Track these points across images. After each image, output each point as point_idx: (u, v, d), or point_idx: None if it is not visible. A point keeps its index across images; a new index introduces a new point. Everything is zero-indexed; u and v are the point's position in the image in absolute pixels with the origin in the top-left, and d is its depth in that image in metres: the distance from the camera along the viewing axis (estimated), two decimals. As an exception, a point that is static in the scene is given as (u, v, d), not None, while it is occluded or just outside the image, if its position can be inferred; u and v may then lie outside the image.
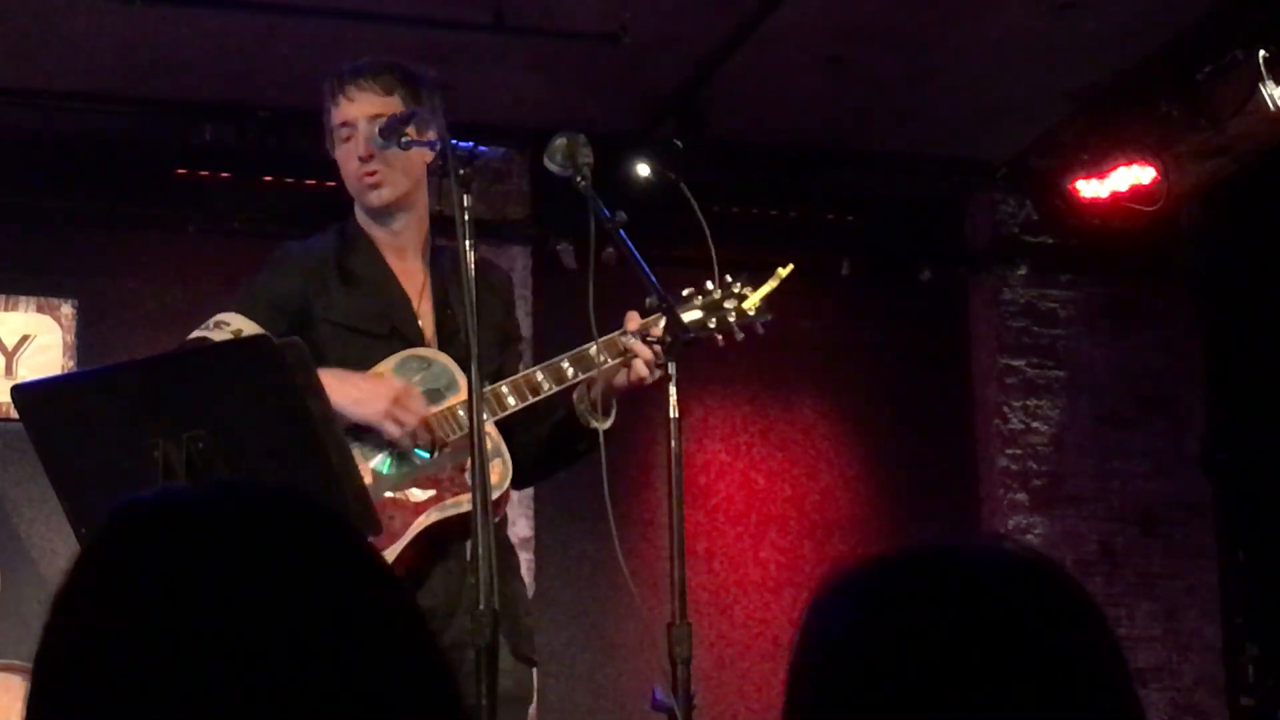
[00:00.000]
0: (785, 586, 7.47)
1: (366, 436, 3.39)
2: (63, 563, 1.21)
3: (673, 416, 3.29)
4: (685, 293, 3.60)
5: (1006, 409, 7.71)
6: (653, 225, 3.48)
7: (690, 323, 3.46)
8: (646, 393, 3.55)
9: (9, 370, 6.66)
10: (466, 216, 3.16)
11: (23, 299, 6.78)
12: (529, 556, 7.15)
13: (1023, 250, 7.82)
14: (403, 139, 3.46)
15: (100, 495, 2.80)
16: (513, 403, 3.46)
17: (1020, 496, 7.67)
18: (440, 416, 3.47)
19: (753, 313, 3.64)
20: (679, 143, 6.81)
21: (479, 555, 2.98)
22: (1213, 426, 7.83)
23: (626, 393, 3.52)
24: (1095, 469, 7.74)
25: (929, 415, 7.81)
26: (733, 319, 3.61)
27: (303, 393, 2.89)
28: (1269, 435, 7.58)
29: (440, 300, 3.62)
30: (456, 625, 3.33)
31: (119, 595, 1.14)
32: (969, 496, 7.79)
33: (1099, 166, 7.24)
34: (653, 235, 3.45)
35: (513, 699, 3.29)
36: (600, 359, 3.49)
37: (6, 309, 6.76)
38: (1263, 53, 6.29)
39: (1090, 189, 7.32)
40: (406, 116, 3.48)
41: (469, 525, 3.38)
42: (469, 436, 3.43)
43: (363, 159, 3.56)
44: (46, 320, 6.78)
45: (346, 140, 3.62)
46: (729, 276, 3.64)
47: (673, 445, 3.29)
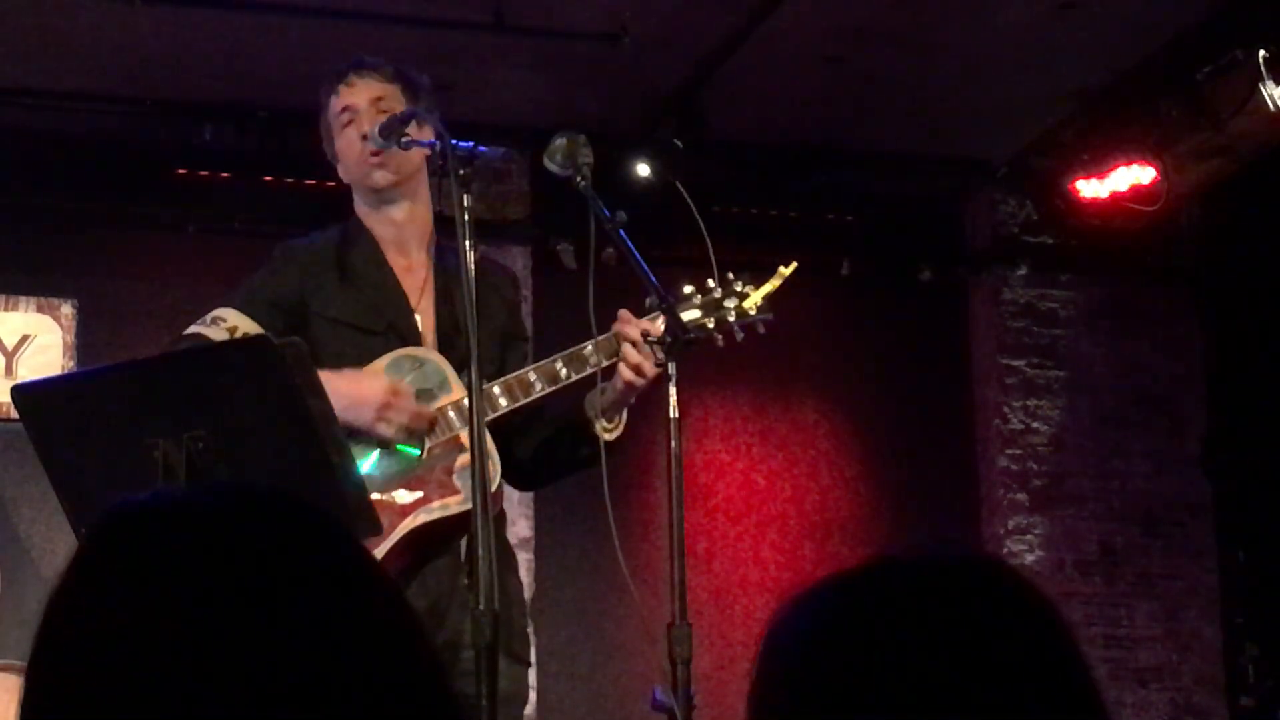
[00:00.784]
0: (785, 586, 7.46)
1: (354, 437, 3.38)
2: (63, 563, 1.21)
3: (673, 416, 3.29)
4: (686, 291, 3.58)
5: (1006, 409, 7.71)
6: (653, 225, 3.48)
7: (690, 322, 3.44)
8: (646, 393, 3.55)
9: (9, 370, 6.66)
10: (466, 216, 3.16)
11: (23, 299, 6.78)
12: (529, 556, 7.15)
13: (1023, 250, 7.83)
14: (403, 139, 3.46)
15: (100, 495, 2.80)
16: (504, 403, 3.45)
17: (1020, 496, 7.67)
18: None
19: (754, 312, 3.61)
20: (679, 143, 6.81)
21: (479, 555, 2.97)
22: (1213, 426, 7.84)
23: (630, 396, 3.50)
24: (1095, 469, 7.74)
25: (929, 415, 7.81)
26: (733, 318, 3.58)
27: (303, 393, 2.89)
28: (1269, 435, 7.58)
29: (442, 298, 3.61)
30: (448, 625, 3.33)
31: (112, 597, 1.14)
32: (969, 496, 7.79)
33: (1099, 166, 7.24)
34: (653, 235, 3.44)
35: (508, 698, 3.28)
36: (595, 359, 3.48)
37: (6, 309, 6.77)
38: (1263, 53, 6.29)
39: (1090, 189, 7.32)
40: (407, 116, 3.48)
41: (458, 526, 3.38)
42: (458, 438, 3.44)
43: (365, 137, 3.55)
44: (46, 320, 6.78)
45: (348, 125, 3.60)
46: (730, 275, 3.62)
47: (673, 445, 3.28)
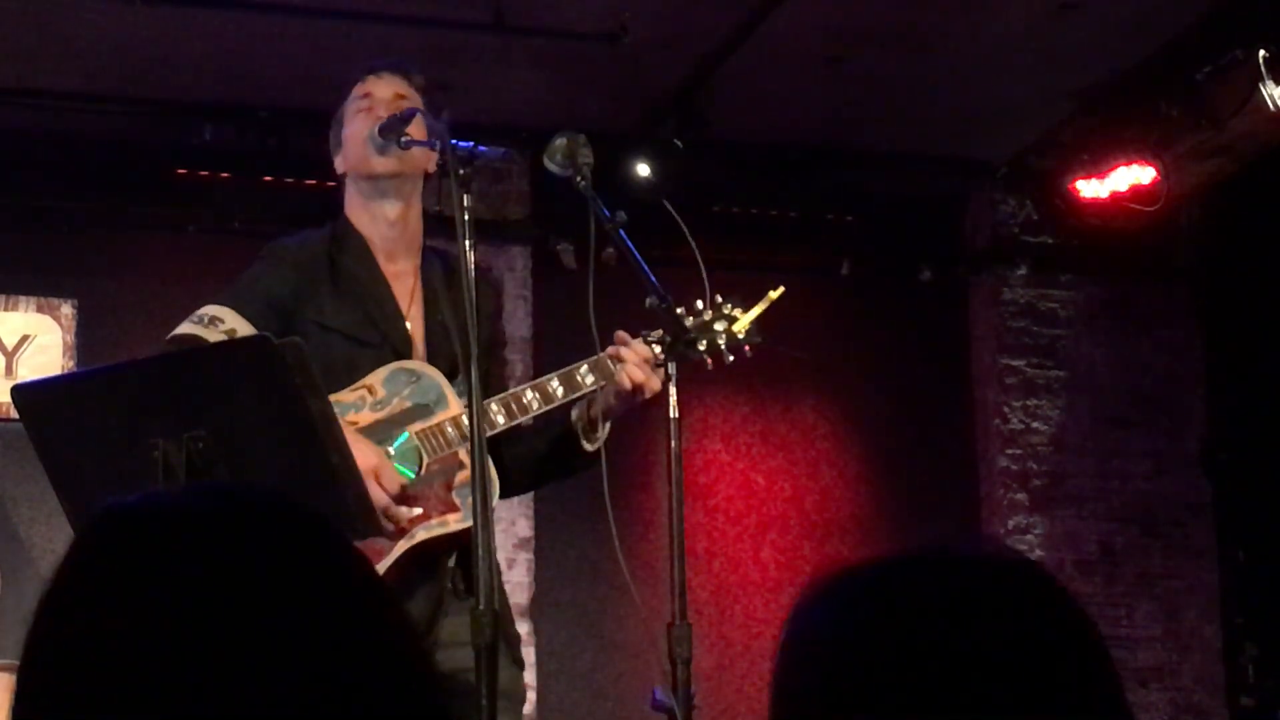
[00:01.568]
0: (785, 586, 7.47)
1: None
2: (54, 563, 1.21)
3: (673, 416, 3.29)
4: (677, 312, 3.57)
5: (1006, 409, 7.71)
6: (653, 225, 3.48)
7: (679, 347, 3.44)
8: (644, 400, 3.54)
9: (9, 370, 6.66)
10: (466, 216, 3.15)
11: (23, 299, 6.78)
12: (529, 556, 7.15)
13: (1023, 250, 7.83)
14: (403, 138, 3.46)
15: (100, 495, 2.78)
16: (502, 421, 3.45)
17: (1020, 496, 7.67)
18: (427, 432, 3.45)
19: (742, 335, 3.63)
20: (679, 143, 6.81)
21: (478, 556, 2.98)
22: (1213, 426, 7.84)
23: (623, 409, 3.50)
24: (1095, 469, 7.74)
25: (929, 415, 7.81)
26: (723, 341, 3.61)
27: (303, 393, 2.89)
28: (1269, 435, 7.58)
29: (430, 305, 3.60)
30: (436, 632, 3.33)
31: (102, 598, 1.14)
32: (969, 496, 7.79)
33: (1099, 166, 7.25)
34: (652, 235, 3.44)
35: (509, 696, 3.29)
36: (589, 379, 3.49)
37: (6, 309, 6.77)
38: (1263, 53, 6.29)
39: (1090, 189, 7.32)
40: (408, 115, 3.48)
41: (454, 542, 3.39)
42: (456, 455, 3.43)
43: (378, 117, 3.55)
44: (46, 320, 6.79)
45: (362, 110, 3.60)
46: (719, 297, 3.63)
47: (673, 445, 3.28)
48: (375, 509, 3.14)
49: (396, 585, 3.32)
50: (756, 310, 3.65)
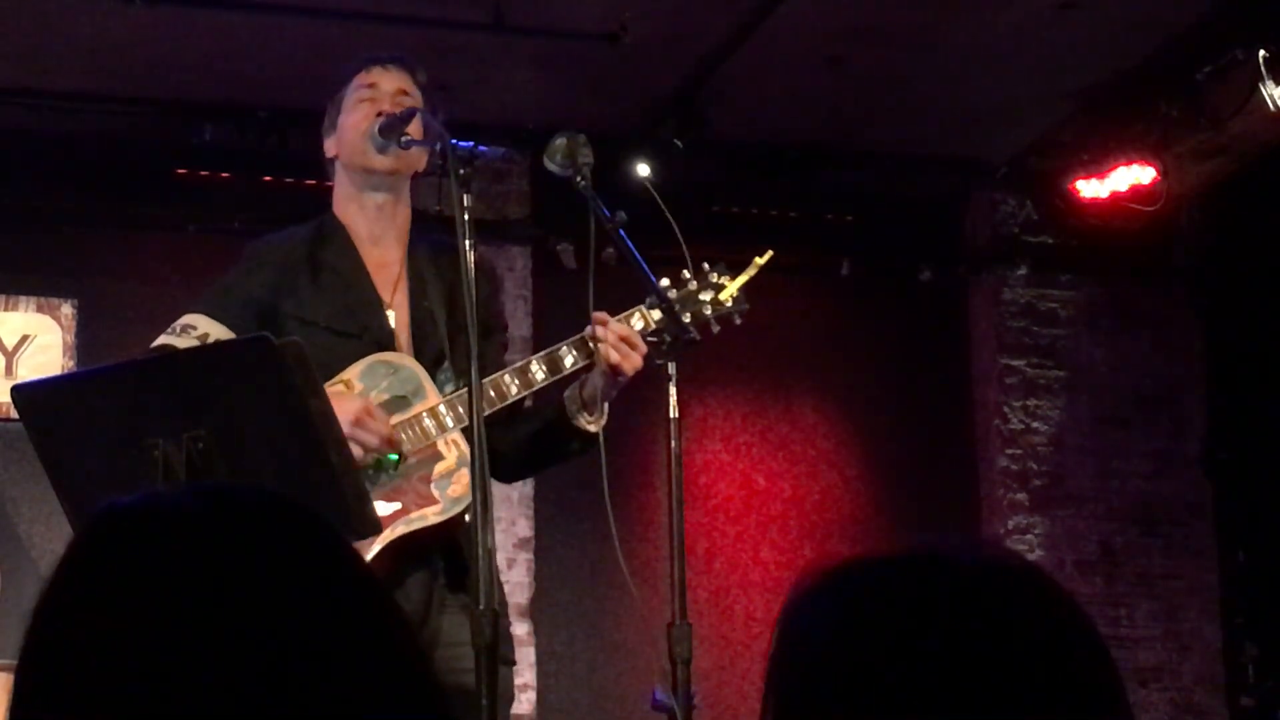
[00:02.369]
0: (785, 586, 7.40)
1: None
2: (52, 564, 1.21)
3: (673, 416, 3.28)
4: (661, 284, 3.54)
5: (1006, 409, 7.71)
6: (652, 225, 3.47)
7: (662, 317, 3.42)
8: (646, 393, 3.53)
9: (9, 370, 6.67)
10: (466, 216, 3.15)
11: (23, 299, 6.78)
12: (529, 556, 7.15)
13: (1023, 250, 7.83)
14: (403, 138, 3.46)
15: (100, 495, 2.78)
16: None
17: (1020, 496, 7.67)
18: (405, 424, 3.43)
19: (729, 304, 3.60)
20: (679, 143, 6.81)
21: (478, 555, 2.97)
22: (1213, 426, 7.84)
23: (613, 390, 3.48)
24: (1095, 469, 7.74)
25: (929, 415, 7.81)
26: (709, 311, 3.57)
27: (303, 393, 2.89)
28: (1269, 435, 7.58)
29: (416, 293, 3.59)
30: (429, 628, 3.33)
31: (99, 598, 1.14)
32: (969, 496, 7.79)
33: (1099, 166, 7.25)
34: (652, 235, 3.44)
35: (500, 696, 3.28)
36: (570, 360, 3.47)
37: (6, 309, 6.77)
38: (1263, 53, 6.29)
39: (1090, 189, 7.32)
40: (408, 115, 3.47)
41: (436, 535, 3.37)
42: (434, 447, 3.42)
43: (380, 115, 3.53)
44: (46, 320, 6.79)
45: (364, 100, 3.59)
46: (705, 265, 3.59)
47: (673, 445, 3.27)
48: (374, 508, 3.13)
49: (384, 581, 3.30)
50: (744, 277, 3.61)
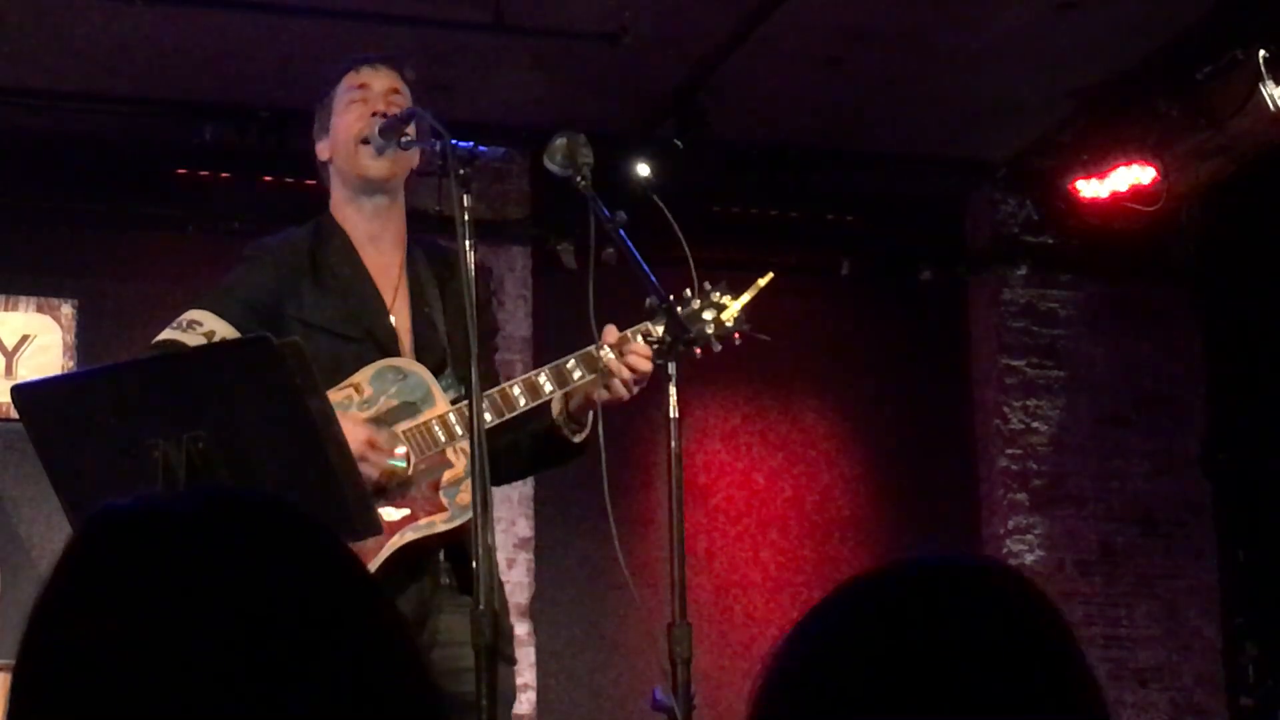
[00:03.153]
0: (785, 586, 7.47)
1: None
2: (49, 567, 1.21)
3: (673, 416, 3.28)
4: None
5: (1006, 409, 7.71)
6: (652, 225, 3.48)
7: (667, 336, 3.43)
8: (647, 393, 3.54)
9: (9, 370, 6.66)
10: (466, 216, 3.15)
11: (23, 299, 6.78)
12: (529, 556, 7.15)
13: (1023, 250, 7.83)
14: (403, 138, 3.46)
15: (100, 495, 2.78)
16: (489, 418, 3.42)
17: (1020, 496, 7.67)
18: (414, 431, 3.44)
19: (731, 323, 3.61)
20: (679, 143, 6.81)
21: (478, 555, 2.97)
22: (1213, 426, 7.84)
23: (606, 406, 3.49)
24: (1095, 469, 7.74)
25: (929, 415, 7.81)
26: (711, 330, 3.58)
27: (303, 393, 2.88)
28: (1269, 435, 7.58)
29: (416, 297, 3.59)
30: (429, 626, 3.33)
31: (97, 601, 1.14)
32: (969, 496, 7.79)
33: (1099, 166, 7.24)
34: (653, 235, 3.44)
35: (500, 696, 3.28)
36: (576, 374, 3.48)
37: (6, 309, 6.77)
38: (1263, 53, 6.29)
39: (1090, 189, 7.32)
40: (407, 115, 3.48)
41: (442, 541, 3.38)
42: (444, 454, 3.43)
43: (375, 115, 3.53)
44: (46, 320, 6.79)
45: (357, 102, 3.59)
46: (708, 285, 3.61)
47: (673, 445, 3.28)
48: (374, 509, 3.13)
49: (388, 584, 3.32)
50: (745, 297, 3.63)
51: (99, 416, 2.91)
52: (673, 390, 3.30)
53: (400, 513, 3.38)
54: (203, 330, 3.38)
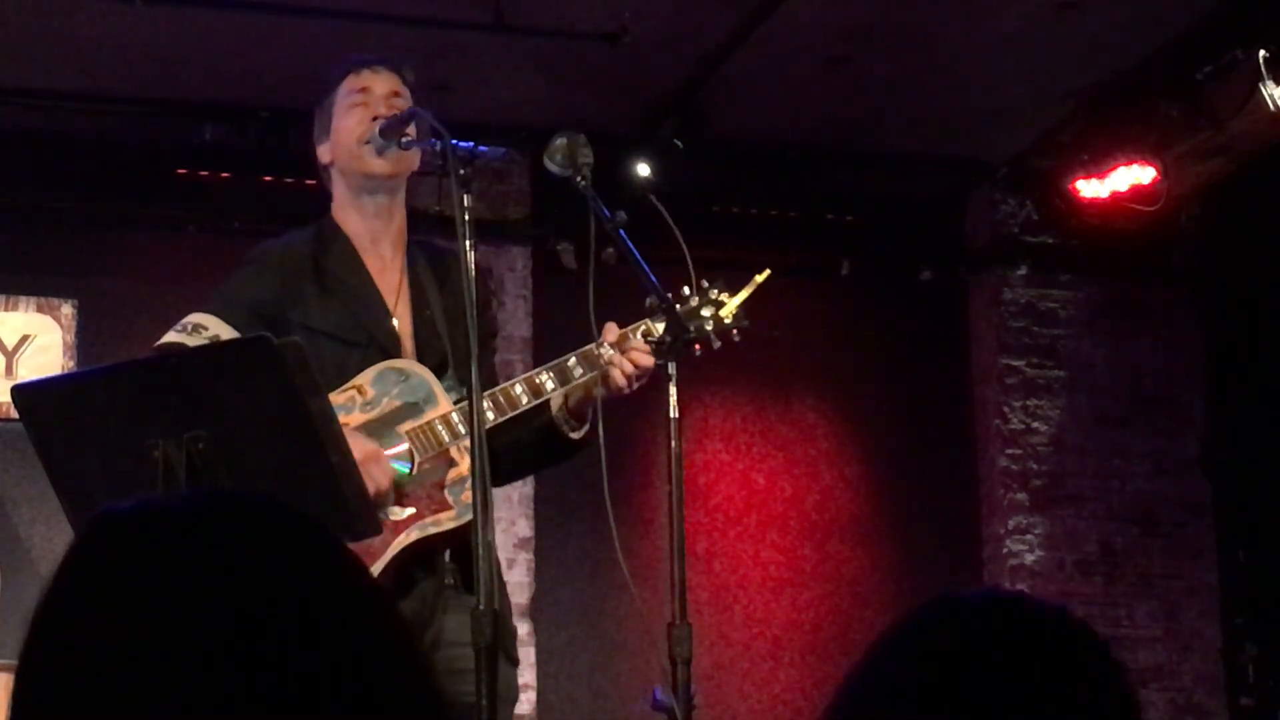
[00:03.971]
0: (785, 586, 7.47)
1: None
2: (51, 569, 1.21)
3: (673, 416, 3.28)
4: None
5: (1006, 409, 7.71)
6: (652, 225, 3.48)
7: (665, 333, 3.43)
8: (646, 393, 3.54)
9: (9, 370, 6.66)
10: (466, 216, 3.15)
11: (23, 299, 6.78)
12: (529, 556, 7.15)
13: (1023, 250, 7.83)
14: (404, 139, 3.46)
15: (100, 495, 2.80)
16: (491, 417, 3.42)
17: (1020, 496, 7.67)
18: (418, 431, 3.45)
19: (729, 320, 3.61)
20: (679, 143, 6.81)
21: (478, 555, 2.98)
22: (1213, 426, 7.84)
23: (606, 402, 3.50)
24: (1095, 469, 7.74)
25: (929, 415, 7.81)
26: (710, 327, 3.59)
27: (303, 393, 2.89)
28: (1269, 435, 7.58)
29: (418, 300, 3.59)
30: (434, 625, 3.34)
31: (98, 604, 1.14)
32: (969, 496, 7.79)
33: (1099, 166, 7.24)
34: (652, 235, 3.44)
35: (500, 699, 3.29)
36: (579, 371, 3.48)
37: (6, 309, 6.77)
38: (1263, 53, 6.29)
39: (1090, 189, 7.31)
40: (407, 116, 3.48)
41: (447, 540, 3.39)
42: (447, 453, 3.43)
43: (376, 119, 3.53)
44: (46, 320, 6.79)
45: (358, 105, 3.59)
46: (705, 283, 3.61)
47: (673, 445, 3.28)
48: (375, 509, 3.14)
49: (392, 584, 3.32)
50: (743, 294, 3.64)
51: (99, 416, 2.91)
52: (673, 390, 3.30)
53: (406, 512, 3.39)
54: (207, 334, 3.39)
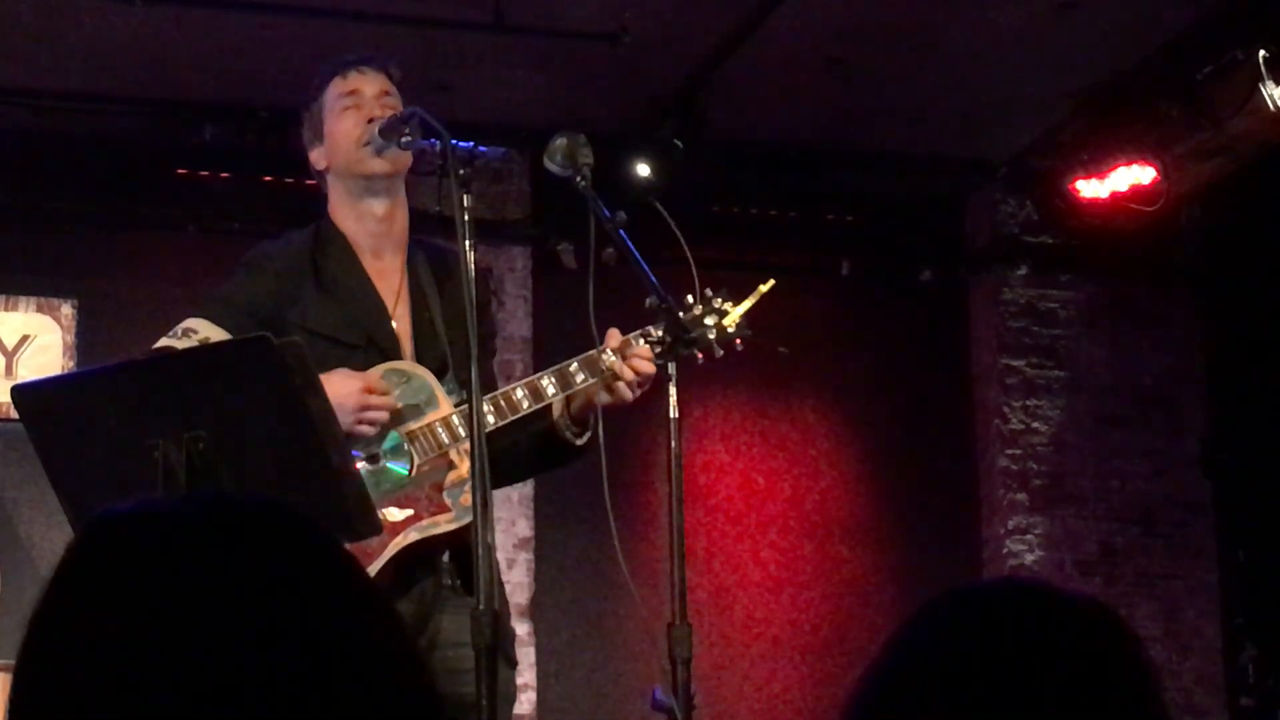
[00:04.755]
0: (785, 586, 7.47)
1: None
2: (48, 571, 1.21)
3: (673, 416, 3.28)
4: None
5: (1006, 409, 7.71)
6: (652, 225, 3.48)
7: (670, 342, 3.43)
8: (647, 393, 3.54)
9: (9, 370, 6.67)
10: (466, 216, 3.15)
11: (23, 299, 6.78)
12: (529, 556, 7.16)
13: (1023, 250, 7.83)
14: (403, 139, 3.46)
15: (100, 495, 2.80)
16: (492, 420, 3.42)
17: (1020, 496, 7.67)
18: (418, 433, 3.44)
19: (732, 329, 3.61)
20: (679, 143, 6.81)
21: (478, 555, 2.98)
22: (1213, 426, 7.84)
23: (608, 409, 3.49)
24: (1095, 469, 7.74)
25: (929, 415, 7.81)
26: (713, 335, 3.58)
27: (303, 393, 2.89)
28: (1269, 435, 7.58)
29: (417, 302, 3.59)
30: (431, 626, 3.34)
31: (96, 605, 1.14)
32: (969, 496, 7.79)
33: (1099, 166, 7.24)
34: (653, 236, 3.44)
35: (502, 697, 3.29)
36: (581, 376, 3.48)
37: (6, 309, 6.77)
38: (1263, 53, 6.29)
39: (1090, 189, 7.32)
40: (407, 116, 3.48)
41: (445, 542, 3.39)
42: (447, 455, 3.43)
43: (371, 120, 3.53)
44: (46, 320, 6.79)
45: (349, 109, 3.58)
46: (709, 291, 3.60)
47: (673, 445, 3.28)
48: (375, 509, 3.13)
49: (390, 585, 3.32)
50: (747, 304, 3.63)
51: (99, 416, 2.91)
52: (673, 390, 3.30)
53: (404, 513, 3.39)
54: (198, 338, 3.38)
